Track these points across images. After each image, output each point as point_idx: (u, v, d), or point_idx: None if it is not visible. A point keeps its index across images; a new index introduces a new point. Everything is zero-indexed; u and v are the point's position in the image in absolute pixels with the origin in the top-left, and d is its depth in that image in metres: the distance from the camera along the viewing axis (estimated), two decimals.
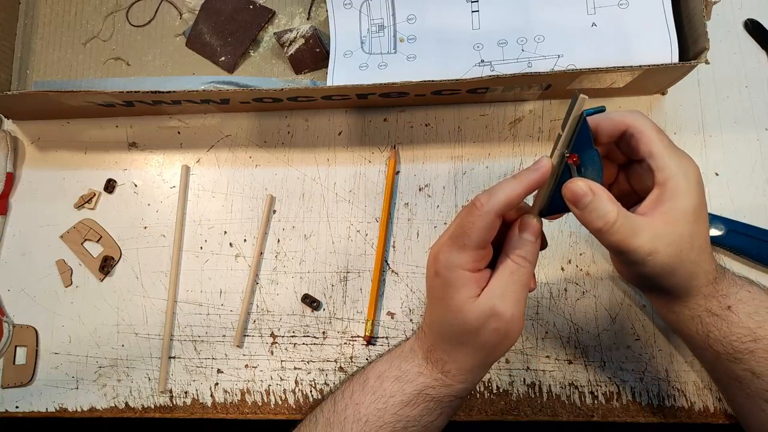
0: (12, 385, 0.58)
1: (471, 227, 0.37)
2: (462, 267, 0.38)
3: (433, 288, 0.41)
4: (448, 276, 0.39)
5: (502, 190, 0.37)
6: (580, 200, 0.37)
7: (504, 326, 0.38)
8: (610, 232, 0.36)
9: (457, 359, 0.41)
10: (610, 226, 0.36)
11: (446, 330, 0.40)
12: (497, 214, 0.37)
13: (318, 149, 0.59)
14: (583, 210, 0.37)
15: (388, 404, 0.42)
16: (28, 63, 0.64)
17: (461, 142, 0.58)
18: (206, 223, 0.59)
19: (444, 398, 0.42)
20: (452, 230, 0.39)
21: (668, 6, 0.51)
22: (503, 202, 0.37)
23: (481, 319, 0.38)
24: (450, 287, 0.39)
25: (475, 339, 0.39)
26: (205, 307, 0.58)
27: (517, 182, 0.37)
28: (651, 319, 0.53)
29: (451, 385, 0.42)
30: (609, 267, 0.54)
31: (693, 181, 0.38)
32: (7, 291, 0.60)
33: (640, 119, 0.39)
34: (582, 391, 0.53)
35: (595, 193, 0.36)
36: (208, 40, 0.62)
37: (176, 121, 0.61)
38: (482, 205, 0.37)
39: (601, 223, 0.36)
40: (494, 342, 0.39)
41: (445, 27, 0.56)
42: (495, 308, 0.38)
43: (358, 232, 0.57)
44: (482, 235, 0.37)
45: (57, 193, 0.61)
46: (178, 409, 0.56)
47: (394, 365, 0.44)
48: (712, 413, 0.51)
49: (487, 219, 0.37)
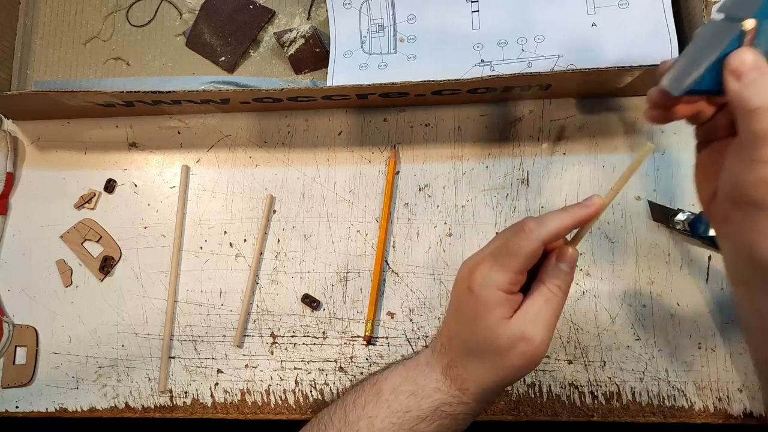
0: (12, 385, 0.58)
1: (517, 250, 0.38)
2: (498, 287, 0.38)
3: (464, 303, 0.40)
4: (483, 294, 0.39)
5: (552, 221, 0.37)
6: (748, 73, 0.32)
7: (532, 351, 0.38)
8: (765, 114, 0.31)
9: (477, 377, 0.40)
10: None
11: (472, 348, 0.40)
12: (544, 242, 0.37)
13: (318, 149, 0.59)
14: (744, 84, 0.32)
15: (403, 419, 0.41)
16: (28, 63, 0.64)
17: (461, 142, 0.58)
18: (206, 223, 0.59)
19: (459, 415, 0.42)
20: (494, 249, 0.39)
21: (668, 6, 0.51)
22: (552, 231, 0.37)
23: (512, 341, 0.38)
24: (483, 305, 0.39)
25: (501, 360, 0.39)
26: (205, 307, 0.58)
27: (567, 215, 0.38)
28: (651, 319, 0.53)
29: (468, 403, 0.41)
30: (609, 267, 0.54)
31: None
32: (7, 291, 0.60)
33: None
34: (582, 391, 0.53)
35: (762, 71, 0.32)
36: (208, 40, 0.62)
37: (176, 121, 0.61)
38: (530, 230, 0.37)
39: (762, 101, 0.31)
40: (519, 365, 0.39)
41: (445, 27, 0.56)
42: (526, 333, 0.38)
43: (358, 232, 0.57)
44: (527, 259, 0.38)
45: (57, 193, 0.61)
46: (178, 409, 0.56)
47: (410, 379, 0.43)
48: (712, 413, 0.51)
49: (534, 245, 0.37)
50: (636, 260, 0.54)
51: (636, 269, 0.54)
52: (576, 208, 0.38)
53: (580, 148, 0.56)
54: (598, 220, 0.54)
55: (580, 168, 0.56)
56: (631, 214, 0.55)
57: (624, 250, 0.54)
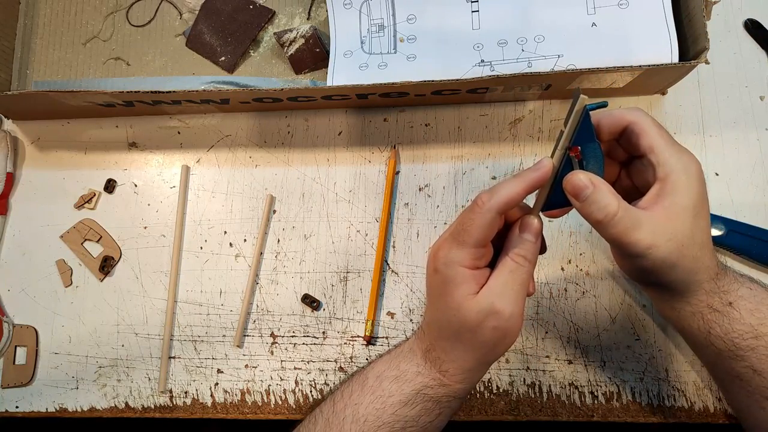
0: (12, 385, 0.58)
1: (471, 224, 0.38)
2: (461, 264, 0.38)
3: (432, 285, 0.41)
4: (447, 273, 0.39)
5: (503, 189, 0.38)
6: (581, 192, 0.37)
7: (503, 324, 0.38)
8: (610, 225, 0.36)
9: (455, 358, 0.41)
10: (610, 218, 0.36)
11: (445, 328, 0.41)
12: (498, 212, 0.37)
13: (318, 149, 0.59)
14: (583, 202, 0.37)
15: (386, 404, 0.42)
16: (28, 63, 0.64)
17: (461, 142, 0.58)
18: (206, 223, 0.59)
19: (442, 398, 0.42)
20: (453, 228, 0.39)
21: (668, 6, 0.51)
22: (504, 200, 0.37)
23: (480, 316, 0.38)
24: (448, 284, 0.39)
25: (474, 337, 0.39)
26: (205, 307, 0.58)
27: (519, 181, 0.38)
28: (651, 319, 0.53)
29: (449, 385, 0.42)
30: (609, 267, 0.54)
31: (694, 177, 0.38)
32: (7, 291, 0.60)
33: (641, 115, 0.39)
34: (582, 391, 0.53)
35: (595, 185, 0.37)
36: (208, 40, 0.62)
37: (176, 121, 0.61)
38: (483, 203, 0.37)
39: (602, 215, 0.36)
40: (493, 340, 0.39)
41: (445, 27, 0.56)
42: (494, 306, 0.38)
43: (358, 232, 0.57)
44: (482, 232, 0.38)
45: (57, 193, 0.61)
46: (178, 409, 0.56)
47: (393, 365, 0.44)
48: (712, 413, 0.51)
49: (487, 216, 0.37)
50: None
51: None
52: (527, 172, 0.38)
53: None
54: None
55: None
56: None
57: None
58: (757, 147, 0.55)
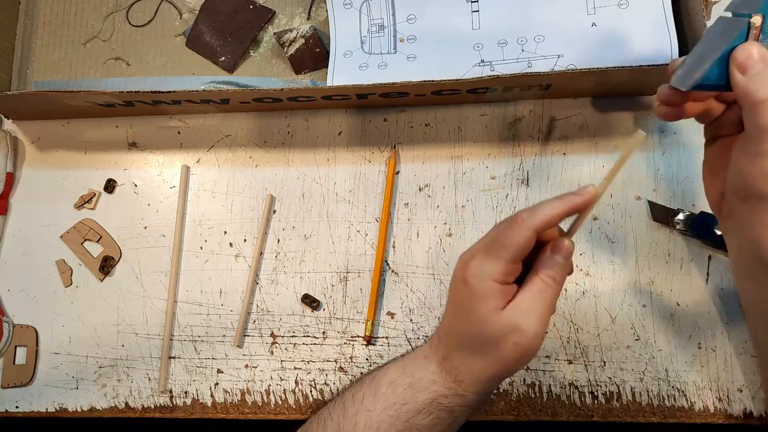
0: (12, 385, 0.58)
1: (509, 240, 0.38)
2: (492, 277, 0.38)
3: (459, 295, 0.41)
4: (477, 285, 0.39)
5: (544, 209, 0.38)
6: (753, 66, 0.34)
7: (525, 342, 0.38)
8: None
9: (473, 369, 0.41)
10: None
11: (466, 338, 0.40)
12: (536, 230, 0.37)
13: (318, 149, 0.59)
14: (750, 77, 0.33)
15: (400, 412, 0.41)
16: (28, 63, 0.64)
17: (461, 142, 0.58)
18: (206, 223, 0.59)
19: (455, 408, 0.42)
20: (488, 241, 0.39)
21: (668, 6, 0.51)
22: (544, 219, 0.37)
23: (504, 331, 0.38)
24: (477, 296, 0.39)
25: (495, 351, 0.39)
26: (205, 307, 0.58)
27: (560, 203, 0.38)
28: (651, 319, 0.53)
29: (464, 395, 0.41)
30: (609, 267, 0.54)
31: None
32: (7, 291, 0.60)
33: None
34: (582, 391, 0.53)
35: (766, 63, 0.33)
36: (208, 40, 0.62)
37: (176, 121, 0.61)
38: (522, 220, 0.37)
39: (767, 94, 0.33)
40: (512, 357, 0.39)
41: (445, 27, 0.56)
42: (519, 323, 0.38)
43: (358, 232, 0.57)
44: (519, 248, 0.38)
45: (57, 193, 0.61)
46: (178, 409, 0.56)
47: (407, 372, 0.43)
48: (712, 413, 0.51)
49: (526, 234, 0.37)
50: (636, 260, 0.54)
51: (636, 269, 0.54)
52: (569, 196, 0.38)
53: (580, 148, 0.56)
54: (597, 219, 0.54)
55: (580, 168, 0.56)
56: (631, 214, 0.55)
57: (624, 250, 0.54)
58: None
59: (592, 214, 0.55)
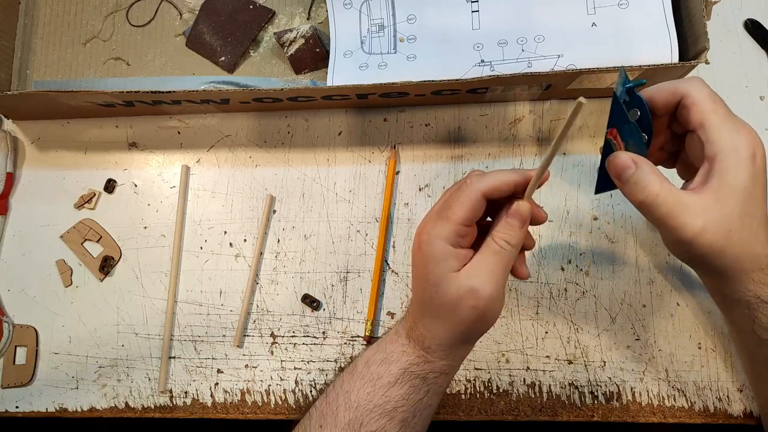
0: (12, 385, 0.58)
1: (457, 201, 0.38)
2: (443, 239, 0.39)
3: (416, 262, 0.41)
4: (429, 249, 0.39)
5: (494, 175, 0.38)
6: (623, 173, 0.36)
7: (481, 305, 0.38)
8: (653, 205, 0.35)
9: (436, 335, 0.41)
10: (652, 198, 0.35)
11: (426, 304, 0.41)
12: (483, 194, 0.38)
13: (318, 149, 0.59)
14: (625, 183, 0.36)
15: (376, 386, 0.42)
16: (28, 63, 0.64)
17: (461, 142, 0.58)
18: (206, 223, 0.59)
19: (428, 375, 0.42)
20: (439, 205, 0.40)
21: (668, 6, 0.51)
22: (492, 185, 0.38)
23: (459, 293, 0.38)
24: (430, 260, 0.39)
25: (453, 314, 0.39)
26: (205, 307, 0.58)
27: (512, 173, 0.39)
28: (651, 319, 0.53)
29: (433, 361, 0.42)
30: (609, 267, 0.54)
31: (746, 156, 0.35)
32: (7, 291, 0.60)
33: (695, 87, 0.37)
34: (582, 391, 0.53)
35: (637, 164, 0.36)
36: (208, 40, 0.62)
37: (176, 121, 0.61)
38: (471, 183, 0.38)
39: (643, 195, 0.36)
40: (471, 319, 0.39)
41: (445, 27, 0.56)
42: (474, 285, 0.38)
43: (358, 232, 0.57)
44: (465, 210, 0.38)
45: (57, 193, 0.61)
46: (178, 409, 0.56)
47: (380, 349, 0.44)
48: (712, 413, 0.51)
49: (472, 196, 0.38)
50: (636, 260, 0.54)
51: (636, 269, 0.54)
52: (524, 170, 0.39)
53: (580, 148, 0.56)
54: (597, 219, 0.54)
55: (580, 168, 0.56)
56: (631, 214, 0.55)
57: (624, 250, 0.54)
58: None
59: (592, 214, 0.55)
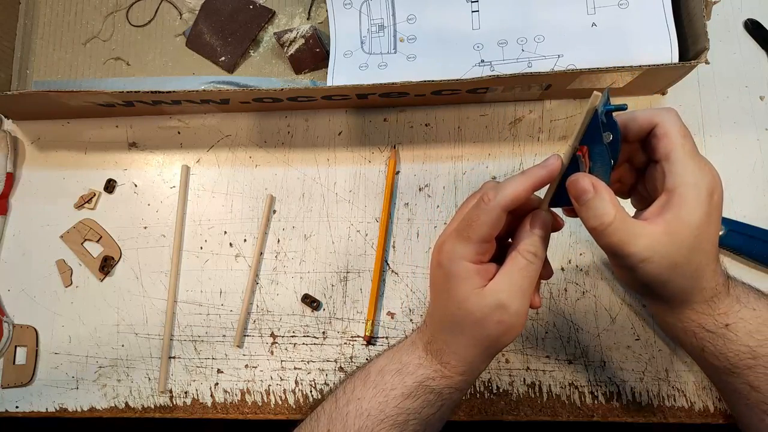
0: (12, 385, 0.58)
1: (476, 221, 0.38)
2: (465, 259, 0.39)
3: (436, 279, 0.41)
4: (451, 267, 0.39)
5: (509, 186, 0.37)
6: (582, 196, 0.36)
7: (508, 319, 0.38)
8: (605, 233, 0.36)
9: (457, 350, 0.41)
10: (605, 227, 0.36)
11: (447, 320, 0.41)
12: (503, 209, 0.37)
13: (318, 149, 0.59)
14: (582, 206, 0.37)
15: (389, 397, 0.42)
16: (28, 63, 0.64)
17: (461, 142, 0.58)
18: (206, 223, 0.59)
19: (444, 390, 0.42)
20: (458, 223, 0.39)
21: (668, 6, 0.51)
22: (510, 197, 0.37)
23: (486, 310, 0.38)
24: (452, 278, 0.39)
25: (478, 330, 0.39)
26: (205, 307, 0.58)
27: (525, 178, 0.38)
28: (651, 319, 0.53)
29: (451, 376, 0.42)
30: (609, 267, 0.54)
31: (704, 194, 0.36)
32: (7, 291, 0.60)
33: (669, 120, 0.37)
34: (582, 391, 0.53)
35: (597, 190, 0.36)
36: (208, 40, 0.62)
37: (176, 121, 0.61)
38: (489, 200, 0.37)
39: (597, 223, 0.36)
40: (496, 334, 0.39)
41: (445, 27, 0.56)
42: (501, 300, 0.38)
43: (358, 232, 0.57)
44: (487, 229, 0.38)
45: (57, 193, 0.61)
46: (178, 409, 0.56)
47: (395, 359, 0.44)
48: (712, 413, 0.51)
49: (493, 214, 0.37)
50: None
51: None
52: (534, 169, 0.38)
53: None
54: None
55: None
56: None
57: None
58: (757, 147, 0.55)
59: None
